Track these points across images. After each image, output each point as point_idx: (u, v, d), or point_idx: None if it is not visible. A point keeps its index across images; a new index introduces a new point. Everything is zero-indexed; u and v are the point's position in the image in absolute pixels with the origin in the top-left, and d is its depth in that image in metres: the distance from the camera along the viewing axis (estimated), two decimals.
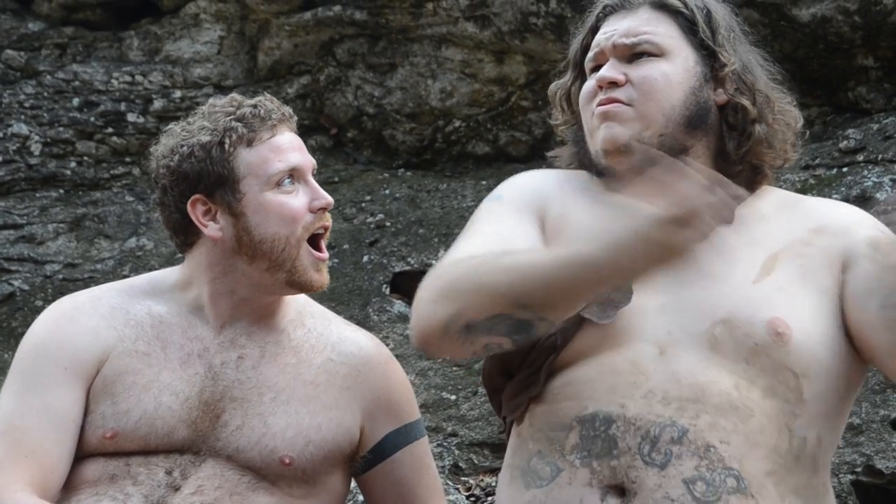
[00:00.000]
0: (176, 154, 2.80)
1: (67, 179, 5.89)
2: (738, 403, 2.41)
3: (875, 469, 4.10)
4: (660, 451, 2.39)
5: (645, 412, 2.41)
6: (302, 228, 2.77)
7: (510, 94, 5.75)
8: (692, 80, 2.57)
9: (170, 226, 2.86)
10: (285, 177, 2.77)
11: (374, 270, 5.37)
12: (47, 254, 5.70)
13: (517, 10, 5.49)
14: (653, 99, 2.55)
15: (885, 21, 5.09)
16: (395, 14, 5.68)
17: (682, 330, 2.45)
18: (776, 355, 2.42)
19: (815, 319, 2.45)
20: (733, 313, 2.44)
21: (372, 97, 5.87)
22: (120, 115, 5.93)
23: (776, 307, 2.44)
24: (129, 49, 6.09)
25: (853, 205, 2.69)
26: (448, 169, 5.89)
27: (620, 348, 2.47)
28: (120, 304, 2.86)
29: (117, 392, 2.77)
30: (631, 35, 2.59)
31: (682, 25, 2.60)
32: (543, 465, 2.47)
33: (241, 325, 2.84)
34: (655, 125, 2.54)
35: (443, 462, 4.64)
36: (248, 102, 2.82)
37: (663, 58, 2.58)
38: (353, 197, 5.70)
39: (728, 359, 2.43)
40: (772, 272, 2.48)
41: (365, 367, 2.87)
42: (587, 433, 2.44)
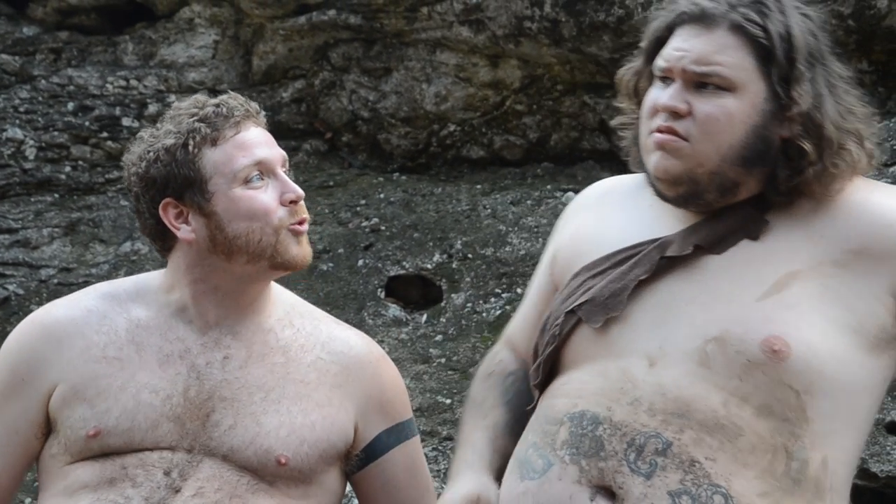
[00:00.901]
0: (143, 160, 2.80)
1: (62, 184, 5.89)
2: (724, 421, 2.41)
3: (870, 472, 4.11)
4: (645, 460, 2.41)
5: (631, 419, 2.44)
6: (277, 220, 2.76)
7: (505, 99, 5.75)
8: (757, 118, 2.49)
9: (147, 232, 2.87)
10: (252, 172, 2.77)
11: (369, 274, 5.37)
12: (42, 258, 5.70)
13: (511, 15, 5.49)
14: (711, 139, 2.49)
15: (878, 25, 5.10)
16: (390, 18, 5.68)
17: (673, 345, 2.46)
18: (772, 373, 2.41)
19: (826, 336, 2.42)
20: (727, 330, 2.43)
21: (367, 101, 5.87)
22: (115, 120, 5.93)
23: (776, 324, 2.42)
24: (124, 53, 6.09)
25: None
26: (443, 173, 5.89)
27: (614, 357, 2.50)
28: (97, 308, 2.86)
29: (91, 396, 2.77)
30: (702, 63, 2.51)
31: (759, 54, 2.50)
32: (537, 457, 2.51)
33: (227, 325, 2.83)
34: (709, 163, 2.50)
35: (438, 466, 4.64)
36: (211, 102, 2.82)
37: (731, 92, 2.49)
38: (348, 201, 5.70)
39: (719, 375, 2.43)
40: (784, 289, 2.45)
41: (356, 366, 2.87)
42: (576, 430, 2.47)
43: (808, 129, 2.49)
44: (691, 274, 2.50)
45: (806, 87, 2.49)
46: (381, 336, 5.11)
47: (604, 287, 2.53)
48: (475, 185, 5.73)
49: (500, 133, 5.81)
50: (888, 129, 5.00)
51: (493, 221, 5.45)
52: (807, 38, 2.52)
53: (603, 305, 2.51)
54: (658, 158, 2.54)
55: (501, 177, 5.78)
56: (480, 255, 5.33)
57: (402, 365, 4.96)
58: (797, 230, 2.51)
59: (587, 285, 2.56)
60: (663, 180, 2.55)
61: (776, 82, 2.48)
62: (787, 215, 2.52)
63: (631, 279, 2.51)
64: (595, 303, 2.52)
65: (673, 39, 2.56)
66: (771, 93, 2.49)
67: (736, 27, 2.51)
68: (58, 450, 2.80)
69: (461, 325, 5.13)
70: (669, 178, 2.54)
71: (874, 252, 2.46)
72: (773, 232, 2.51)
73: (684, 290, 2.49)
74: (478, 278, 5.26)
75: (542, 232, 5.31)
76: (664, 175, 2.54)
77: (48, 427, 2.82)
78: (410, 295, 5.38)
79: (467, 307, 5.19)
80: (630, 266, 2.53)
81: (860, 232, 2.48)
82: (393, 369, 2.97)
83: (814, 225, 2.51)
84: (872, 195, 2.53)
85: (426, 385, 4.91)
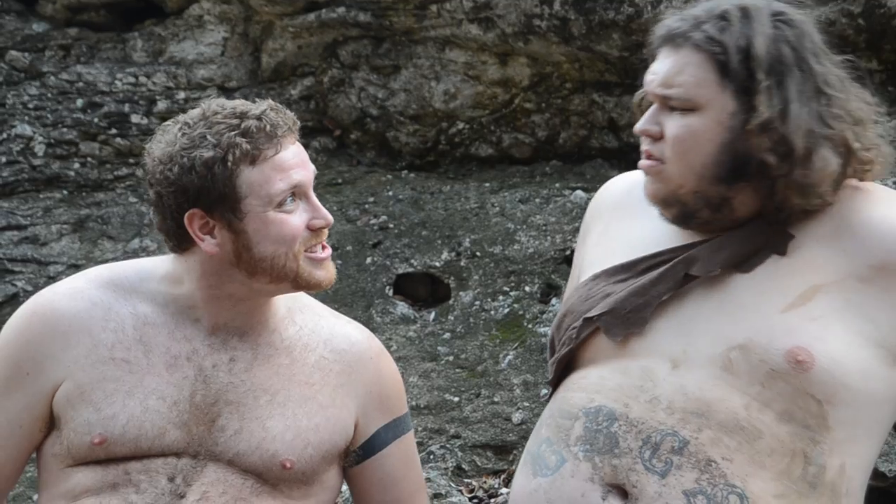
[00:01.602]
0: (175, 164, 2.73)
1: (71, 180, 5.89)
2: (744, 423, 2.41)
3: (878, 472, 4.10)
4: (660, 458, 2.41)
5: (648, 417, 2.44)
6: (299, 244, 2.73)
7: (514, 97, 5.75)
8: (725, 135, 2.48)
9: (163, 230, 2.81)
10: (287, 196, 2.73)
11: (377, 272, 5.37)
12: (51, 255, 5.70)
13: (521, 13, 5.48)
14: (682, 158, 2.49)
15: (889, 24, 5.09)
16: (399, 16, 5.68)
17: (697, 350, 2.46)
18: (795, 382, 2.41)
19: (850, 348, 2.42)
20: (751, 339, 2.43)
21: (375, 99, 5.87)
22: (124, 117, 5.93)
23: (800, 336, 2.42)
24: (133, 50, 6.09)
25: None
26: (451, 171, 5.89)
27: (636, 357, 2.50)
28: (102, 300, 2.81)
29: (98, 399, 2.74)
30: (665, 86, 2.51)
31: (721, 70, 2.48)
32: (550, 453, 2.51)
33: (235, 325, 2.81)
34: (689, 183, 2.50)
35: (446, 464, 4.64)
36: (252, 113, 2.74)
37: (696, 112, 2.49)
38: (357, 199, 5.70)
39: (742, 380, 2.43)
40: (808, 302, 2.45)
41: (357, 363, 2.86)
42: (591, 425, 2.47)
43: (771, 139, 2.46)
44: (715, 287, 2.50)
45: (765, 97, 2.45)
46: (390, 333, 5.11)
47: (625, 299, 2.51)
48: (483, 182, 5.73)
49: (508, 131, 5.81)
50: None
51: (501, 219, 5.45)
52: (775, 46, 2.48)
53: (624, 320, 2.51)
54: (646, 183, 2.57)
55: (510, 175, 5.78)
56: (489, 252, 5.33)
57: (410, 363, 4.96)
58: (821, 245, 2.50)
59: (606, 291, 2.55)
60: (655, 203, 2.57)
61: (740, 93, 2.46)
62: (811, 229, 2.51)
63: (654, 296, 2.50)
64: (616, 314, 2.51)
65: (652, 63, 2.59)
66: (738, 107, 2.47)
67: (697, 47, 2.50)
68: (60, 450, 2.78)
69: (469, 322, 5.13)
70: (659, 202, 2.55)
71: (894, 268, 2.45)
72: (798, 246, 2.50)
73: (708, 302, 2.49)
74: (486, 276, 5.25)
75: (550, 230, 5.31)
76: (653, 199, 2.56)
77: (51, 421, 2.79)
78: (418, 292, 5.38)
79: (475, 305, 5.19)
80: (653, 280, 2.51)
81: (884, 248, 2.46)
82: (392, 364, 2.96)
83: (837, 240, 2.49)
84: (889, 208, 2.51)
85: (434, 383, 4.91)
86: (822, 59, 2.52)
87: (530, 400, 4.73)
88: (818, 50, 2.52)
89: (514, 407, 4.74)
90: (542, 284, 5.17)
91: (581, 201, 5.26)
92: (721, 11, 2.51)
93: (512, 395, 4.77)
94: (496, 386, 4.84)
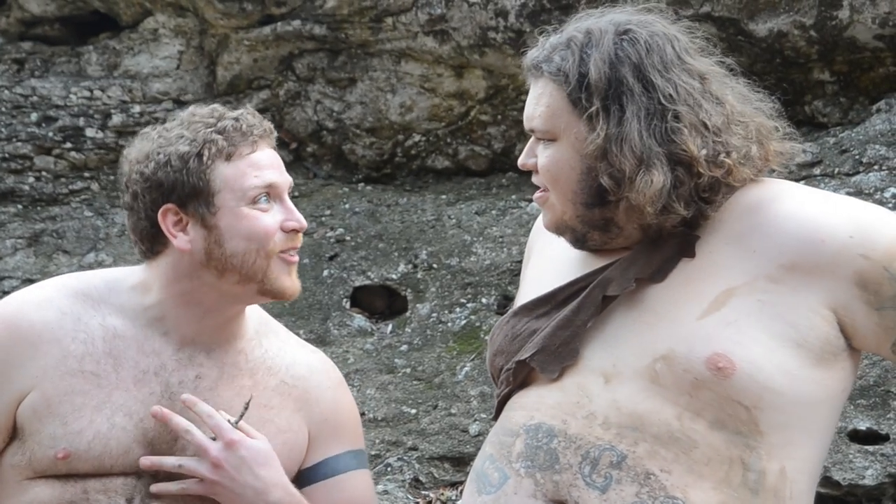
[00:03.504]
0: (151, 161, 2.75)
1: (26, 195, 5.86)
2: (678, 434, 2.41)
3: (832, 481, 4.12)
4: (600, 473, 2.42)
5: (586, 432, 2.45)
6: (272, 245, 2.73)
7: (469, 109, 5.76)
8: (584, 161, 2.50)
9: (136, 232, 2.81)
10: (261, 193, 2.74)
11: (334, 285, 5.37)
12: (5, 269, 5.67)
13: (476, 25, 5.50)
14: (555, 188, 2.55)
15: (840, 36, 5.13)
16: (355, 29, 5.68)
17: (625, 363, 2.47)
18: (719, 389, 2.41)
19: (770, 351, 2.42)
20: (672, 349, 2.44)
21: (331, 112, 5.87)
22: (79, 131, 5.91)
23: (719, 342, 2.42)
24: (88, 64, 6.07)
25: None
26: (408, 183, 5.90)
27: (572, 374, 2.51)
28: (71, 311, 2.79)
29: (66, 413, 2.72)
30: (528, 120, 2.56)
31: (570, 97, 2.50)
32: (493, 469, 2.52)
33: (202, 342, 2.80)
34: (569, 210, 2.55)
35: (403, 476, 4.63)
36: (229, 115, 2.78)
37: (556, 142, 2.53)
38: (313, 211, 5.69)
39: (670, 391, 2.44)
40: (723, 307, 2.45)
41: (315, 390, 2.86)
42: (531, 442, 2.48)
43: (608, 165, 2.47)
44: (635, 300, 2.51)
45: (598, 122, 2.47)
46: (347, 346, 5.10)
47: (552, 335, 2.53)
48: (440, 195, 5.74)
49: (464, 143, 5.82)
50: (850, 139, 5.03)
51: (458, 231, 5.46)
52: (611, 70, 2.48)
53: (556, 355, 2.52)
54: (542, 215, 2.64)
55: (466, 187, 5.79)
56: (445, 265, 5.33)
57: (367, 375, 4.96)
58: (730, 246, 2.50)
59: (531, 328, 2.57)
60: (552, 232, 2.62)
61: (586, 122, 2.48)
62: (718, 230, 2.52)
63: (579, 325, 2.51)
64: (547, 352, 2.52)
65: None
66: (587, 133, 2.48)
67: (550, 74, 2.53)
68: (21, 461, 2.75)
69: (426, 335, 5.13)
70: (553, 230, 2.61)
71: (804, 267, 2.45)
72: (708, 249, 2.51)
73: (630, 316, 2.51)
74: (443, 288, 5.26)
75: (506, 242, 5.32)
76: (548, 228, 2.62)
77: (14, 432, 2.76)
78: (375, 305, 5.38)
79: (432, 317, 5.19)
80: (574, 309, 2.53)
81: (791, 247, 2.46)
82: (350, 396, 2.96)
83: (746, 240, 2.49)
84: (804, 207, 2.50)
85: (391, 395, 4.91)
86: (670, 73, 2.49)
87: (487, 411, 4.73)
88: (668, 64, 2.50)
89: (471, 419, 4.75)
90: (498, 296, 5.18)
91: (537, 213, 5.28)
92: (567, 39, 2.54)
93: (469, 407, 4.78)
94: (453, 398, 4.84)
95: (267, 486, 2.71)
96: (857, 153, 4.94)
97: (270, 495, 2.71)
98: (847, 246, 2.44)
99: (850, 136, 5.04)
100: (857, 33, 5.12)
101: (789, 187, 2.56)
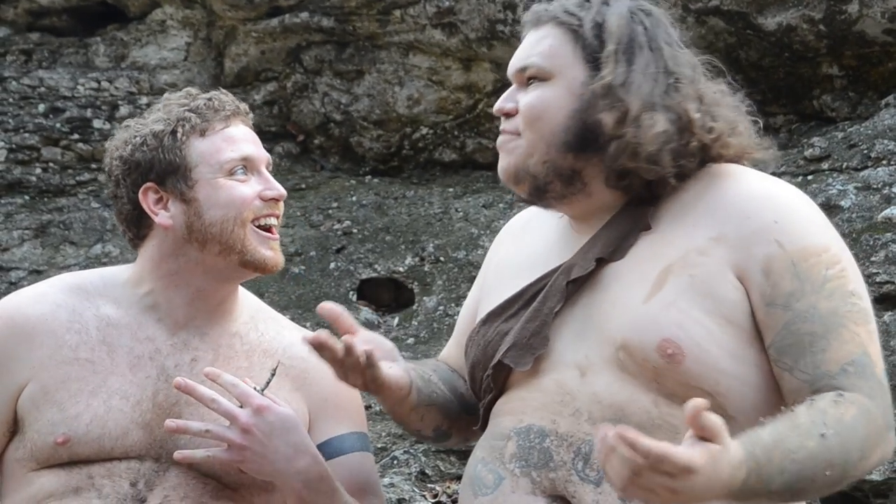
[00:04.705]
0: (129, 144, 2.81)
1: (33, 186, 5.86)
2: (659, 421, 2.41)
3: None
4: (592, 467, 2.42)
5: (575, 429, 2.45)
6: (248, 211, 2.77)
7: (477, 102, 5.76)
8: (576, 103, 2.53)
9: (122, 219, 2.86)
10: (238, 165, 2.78)
11: (340, 277, 5.37)
12: (12, 260, 5.67)
13: (484, 18, 5.49)
14: (533, 127, 2.54)
15: (849, 30, 5.12)
16: (363, 21, 5.68)
17: (595, 354, 2.46)
18: (677, 376, 2.40)
19: (711, 333, 2.40)
20: (627, 338, 2.43)
21: (339, 104, 5.87)
22: (86, 122, 5.91)
23: (665, 328, 2.40)
24: (96, 55, 6.07)
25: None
26: (415, 176, 5.90)
27: (547, 371, 2.50)
28: (66, 303, 2.83)
29: (63, 399, 2.74)
30: (521, 59, 2.59)
31: (577, 41, 2.55)
32: (487, 472, 2.52)
33: (195, 325, 2.82)
34: (538, 153, 2.54)
35: (409, 469, 4.63)
36: (203, 95, 2.83)
37: (548, 81, 2.55)
38: (320, 204, 5.69)
39: (639, 379, 2.43)
40: (662, 287, 2.44)
41: (315, 371, 2.85)
42: (524, 443, 2.49)
43: (612, 104, 2.50)
44: (597, 285, 2.50)
45: (611, 64, 2.52)
46: None
47: (522, 329, 2.52)
48: (447, 188, 5.73)
49: (472, 136, 5.82)
50: (858, 134, 5.02)
51: (465, 224, 5.45)
52: (628, 26, 2.56)
53: (527, 347, 2.51)
54: (500, 161, 2.62)
55: (473, 180, 5.78)
56: (452, 258, 5.33)
57: None
58: (675, 224, 2.51)
59: (502, 331, 2.57)
60: (507, 181, 2.61)
61: (586, 65, 2.53)
62: (670, 209, 2.52)
63: (546, 314, 2.51)
64: (519, 346, 2.51)
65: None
66: (589, 77, 2.53)
67: (557, 21, 2.58)
68: (23, 454, 2.77)
69: (433, 328, 5.13)
70: (510, 177, 2.59)
71: (728, 239, 2.44)
72: (663, 225, 2.51)
73: (593, 300, 2.50)
74: (450, 281, 5.26)
75: None
76: (505, 175, 2.60)
77: (15, 426, 2.78)
78: (382, 298, 5.38)
79: (439, 310, 5.19)
80: (541, 300, 2.52)
81: (720, 219, 2.47)
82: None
83: (690, 215, 2.50)
84: (747, 185, 2.51)
85: None
86: (674, 47, 2.58)
87: None
88: (672, 40, 2.59)
89: None
90: None
91: None
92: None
93: None
94: None
95: (297, 451, 2.69)
96: (866, 148, 4.94)
97: (300, 461, 2.69)
98: (767, 227, 2.44)
99: (859, 130, 5.03)
100: (866, 27, 5.12)
101: (745, 170, 2.56)
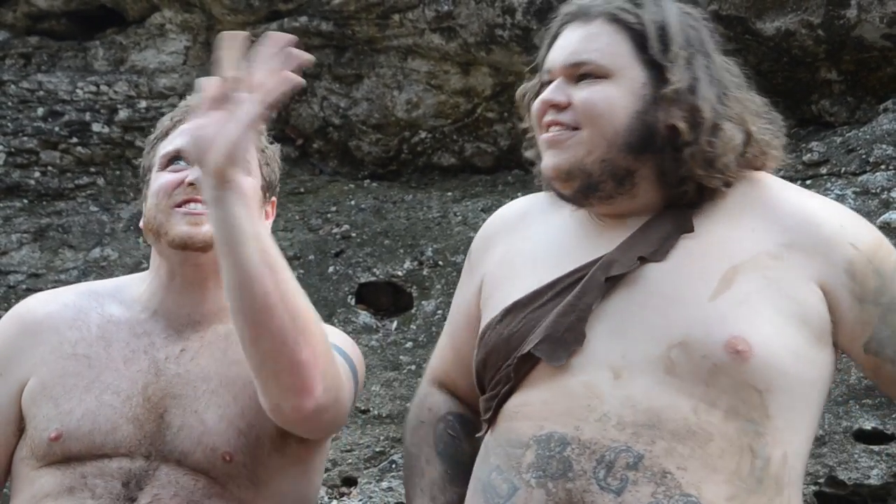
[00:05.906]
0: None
1: (31, 189, 5.86)
2: (695, 428, 2.38)
3: (838, 480, 4.12)
4: (615, 476, 2.37)
5: (599, 436, 2.40)
6: (169, 198, 2.83)
7: (476, 106, 5.76)
8: (637, 104, 2.51)
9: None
10: (172, 157, 2.87)
11: (339, 281, 5.37)
12: (11, 264, 5.67)
13: (483, 22, 5.50)
14: (595, 124, 2.51)
15: (848, 35, 5.12)
16: (362, 25, 5.68)
17: (636, 354, 2.42)
18: (737, 374, 2.39)
19: (779, 331, 2.41)
20: (689, 335, 2.40)
21: (338, 108, 5.87)
22: (85, 126, 5.91)
23: (734, 324, 2.40)
24: (94, 59, 6.07)
25: None
26: (414, 180, 5.90)
27: (575, 371, 2.45)
28: (73, 303, 2.91)
29: (58, 395, 2.78)
30: (576, 54, 2.55)
31: (635, 41, 2.54)
32: (501, 481, 2.46)
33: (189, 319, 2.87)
34: (598, 150, 2.51)
35: None
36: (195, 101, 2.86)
37: (608, 80, 2.53)
38: (319, 208, 5.69)
39: (686, 382, 2.40)
40: (731, 285, 2.44)
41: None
42: (543, 452, 2.42)
43: (682, 109, 2.51)
44: (638, 284, 2.47)
45: (680, 69, 2.52)
46: None
47: (556, 322, 2.48)
48: (446, 192, 5.74)
49: (471, 140, 5.82)
50: (857, 139, 5.02)
51: (463, 228, 5.45)
52: (684, 26, 2.58)
53: (562, 342, 2.46)
54: (549, 157, 2.56)
55: (472, 184, 5.79)
56: (451, 262, 5.33)
57: (373, 372, 4.96)
58: (726, 226, 2.51)
59: (530, 320, 2.52)
60: (557, 178, 2.56)
61: (651, 66, 2.52)
62: (713, 213, 2.53)
63: (582, 308, 2.47)
64: (551, 340, 2.46)
65: (555, 44, 2.62)
66: (649, 78, 2.52)
67: (611, 17, 2.56)
68: (26, 452, 2.80)
69: (431, 332, 5.13)
70: (562, 174, 2.54)
71: (802, 246, 2.47)
72: (705, 229, 2.51)
73: (635, 299, 2.46)
74: (448, 285, 5.26)
75: None
76: (556, 172, 2.55)
77: (23, 423, 2.82)
78: (381, 302, 5.38)
79: (438, 314, 5.19)
80: (577, 295, 2.48)
81: (789, 227, 2.49)
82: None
83: (745, 220, 2.52)
84: (799, 194, 2.57)
85: (396, 392, 4.91)
86: (719, 53, 2.62)
87: None
88: (715, 45, 2.62)
89: None
90: None
91: None
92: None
93: None
94: None
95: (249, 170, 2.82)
96: (864, 153, 4.94)
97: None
98: (839, 233, 2.50)
99: (857, 135, 5.03)
100: (864, 32, 5.12)
101: (776, 179, 2.61)
